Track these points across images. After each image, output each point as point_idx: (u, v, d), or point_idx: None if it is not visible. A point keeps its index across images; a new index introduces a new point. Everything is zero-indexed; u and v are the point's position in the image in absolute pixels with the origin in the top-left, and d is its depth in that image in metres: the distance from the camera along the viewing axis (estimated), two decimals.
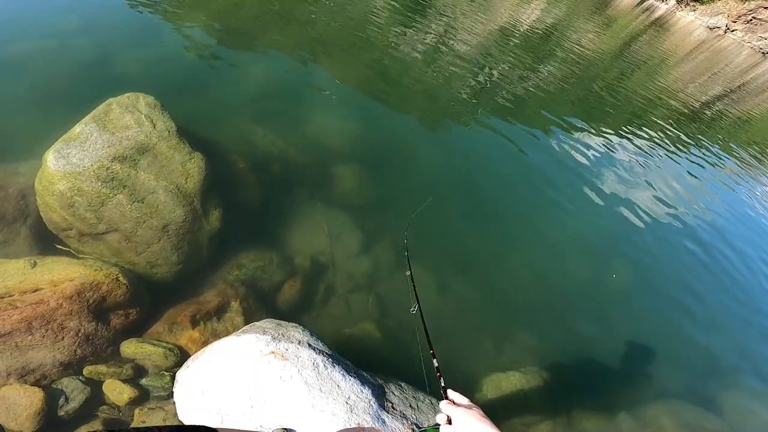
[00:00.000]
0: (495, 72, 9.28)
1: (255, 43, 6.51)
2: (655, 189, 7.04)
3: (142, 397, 2.74)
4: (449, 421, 1.07)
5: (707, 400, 4.13)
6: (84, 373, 2.77)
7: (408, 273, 1.89)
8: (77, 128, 3.06)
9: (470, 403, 1.12)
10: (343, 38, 7.96)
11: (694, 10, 38.30)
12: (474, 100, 7.73)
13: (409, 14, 10.50)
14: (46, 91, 4.27)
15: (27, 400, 2.53)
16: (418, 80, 7.58)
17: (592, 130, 8.27)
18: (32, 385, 2.60)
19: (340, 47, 7.61)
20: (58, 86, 4.35)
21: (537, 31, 14.30)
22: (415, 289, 1.74)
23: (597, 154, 7.35)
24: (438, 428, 1.10)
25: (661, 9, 38.53)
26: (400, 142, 5.80)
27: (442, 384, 1.22)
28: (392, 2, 10.64)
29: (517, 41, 12.19)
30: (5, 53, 4.53)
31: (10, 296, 2.83)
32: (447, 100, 7.43)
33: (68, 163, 2.94)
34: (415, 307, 1.64)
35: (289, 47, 6.77)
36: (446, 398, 1.15)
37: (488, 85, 8.55)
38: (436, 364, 1.34)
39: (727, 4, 36.52)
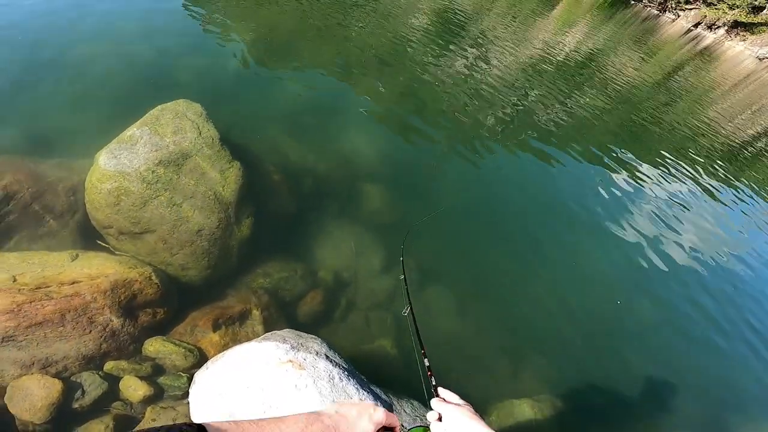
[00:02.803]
0: (530, 98, 9.30)
1: (295, 57, 6.86)
2: (688, 228, 6.74)
3: (157, 395, 2.74)
4: (440, 419, 1.05)
5: None
6: (104, 368, 2.80)
7: (402, 277, 1.92)
8: (130, 131, 3.29)
9: (461, 401, 1.10)
10: (379, 57, 8.27)
11: (744, 40, 36.91)
12: (507, 125, 7.77)
13: (446, 36, 10.78)
14: (104, 92, 4.64)
15: (45, 391, 2.55)
16: (451, 102, 7.70)
17: (629, 162, 8.08)
18: (53, 376, 2.64)
19: (375, 66, 7.89)
20: (115, 88, 4.72)
21: (576, 58, 14.22)
22: (407, 292, 1.76)
23: (631, 187, 7.17)
24: (423, 429, 1.08)
25: (709, 38, 37.05)
26: (430, 165, 5.87)
27: (433, 382, 1.22)
28: (429, 24, 11.01)
29: (554, 68, 12.16)
30: (71, 55, 4.99)
31: (47, 287, 2.92)
32: (479, 123, 7.49)
33: (118, 164, 3.14)
34: (406, 309, 1.64)
35: (327, 64, 7.09)
36: (437, 396, 1.13)
37: (522, 111, 8.57)
38: (427, 363, 1.33)
39: None
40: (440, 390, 1.15)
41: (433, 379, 1.24)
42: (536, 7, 21.93)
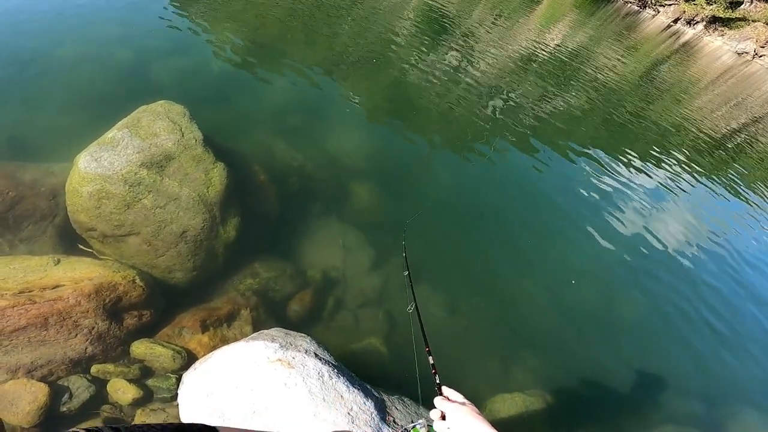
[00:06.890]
0: (515, 96, 9.36)
1: (280, 57, 6.81)
2: (673, 220, 6.89)
3: (146, 398, 2.74)
4: (443, 417, 1.06)
5: (715, 428, 4.01)
6: (91, 371, 2.79)
7: (405, 273, 1.91)
8: (110, 133, 3.25)
9: (464, 400, 1.11)
10: (366, 57, 8.25)
11: (723, 35, 36.77)
12: (492, 123, 7.81)
13: (431, 35, 10.78)
14: (85, 94, 4.56)
15: (31, 395, 2.54)
16: (437, 101, 7.72)
17: (613, 158, 8.19)
18: (39, 380, 2.62)
19: (362, 65, 7.87)
20: (96, 91, 4.64)
21: (560, 56, 14.29)
22: (412, 288, 1.73)
23: (617, 182, 7.29)
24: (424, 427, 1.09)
25: (688, 34, 37.07)
26: (416, 162, 5.90)
27: (437, 381, 1.22)
28: (415, 23, 10.99)
29: (538, 66, 12.23)
30: (50, 56, 4.89)
31: (30, 291, 2.89)
32: (465, 121, 7.51)
33: (99, 166, 3.10)
34: (411, 306, 1.63)
35: (313, 63, 7.05)
36: (441, 394, 1.14)
37: (507, 109, 8.62)
38: (431, 361, 1.33)
39: (756, 29, 35.15)
40: (444, 388, 1.15)
41: (437, 377, 1.24)
42: (520, 3, 22.09)
